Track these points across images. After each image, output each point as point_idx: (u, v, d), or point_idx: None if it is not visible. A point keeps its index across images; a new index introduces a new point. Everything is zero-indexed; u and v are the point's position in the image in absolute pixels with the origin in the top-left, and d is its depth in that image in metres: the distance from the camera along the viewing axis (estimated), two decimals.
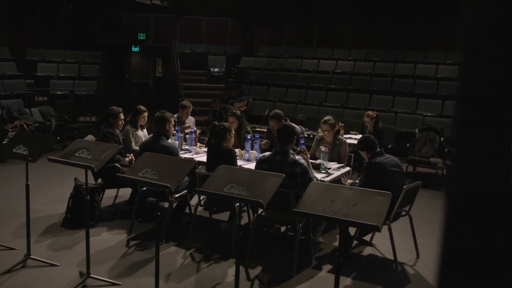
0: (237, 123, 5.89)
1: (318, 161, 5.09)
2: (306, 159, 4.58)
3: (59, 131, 9.05)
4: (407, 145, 7.97)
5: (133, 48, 15.94)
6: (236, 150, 5.03)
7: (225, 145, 4.83)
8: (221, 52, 15.14)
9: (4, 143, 4.93)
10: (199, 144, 6.11)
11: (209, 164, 4.90)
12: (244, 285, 3.93)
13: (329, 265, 4.37)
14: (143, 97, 15.66)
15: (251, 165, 4.96)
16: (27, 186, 4.14)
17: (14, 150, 4.11)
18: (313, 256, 4.50)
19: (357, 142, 5.11)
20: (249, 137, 5.52)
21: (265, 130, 6.63)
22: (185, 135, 6.24)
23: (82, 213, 4.52)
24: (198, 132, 6.56)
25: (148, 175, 3.39)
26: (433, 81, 10.87)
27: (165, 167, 3.49)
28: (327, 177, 4.82)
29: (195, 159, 5.37)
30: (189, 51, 15.12)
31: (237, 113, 6.06)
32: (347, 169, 5.37)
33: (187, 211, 5.24)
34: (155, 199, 4.13)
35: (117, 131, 5.69)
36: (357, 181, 4.76)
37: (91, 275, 3.87)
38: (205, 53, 15.03)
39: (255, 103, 11.75)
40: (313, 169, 4.70)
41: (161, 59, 16.55)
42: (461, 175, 0.75)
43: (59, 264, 4.19)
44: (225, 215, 5.45)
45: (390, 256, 4.47)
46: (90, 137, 5.86)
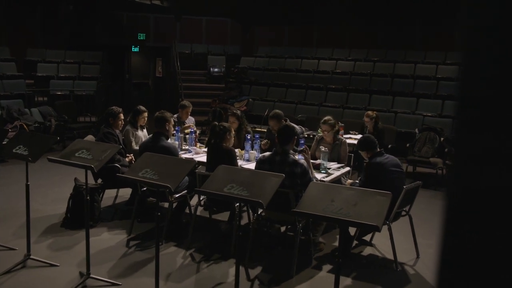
0: (237, 123, 5.89)
1: (318, 161, 5.09)
2: (307, 159, 4.58)
3: (59, 131, 9.05)
4: (407, 145, 7.97)
5: (133, 48, 15.95)
6: (236, 150, 5.04)
7: (225, 145, 4.83)
8: (221, 52, 15.14)
9: (4, 144, 4.93)
10: (199, 144, 6.11)
11: (209, 164, 4.90)
12: (244, 285, 3.93)
13: (329, 265, 4.37)
14: (143, 97, 15.67)
15: (251, 165, 4.96)
16: (27, 186, 4.14)
17: (14, 150, 4.11)
18: (313, 256, 4.50)
19: (357, 142, 5.11)
20: (249, 137, 5.52)
21: (265, 130, 6.63)
22: (185, 135, 6.24)
23: (82, 213, 4.52)
24: (198, 132, 6.56)
25: (148, 175, 3.39)
26: (433, 81, 10.87)
27: (165, 167, 3.49)
28: (327, 177, 4.82)
29: (195, 159, 5.38)
30: (189, 51, 15.12)
31: (237, 113, 6.06)
32: (347, 169, 5.37)
33: (187, 211, 5.23)
34: (155, 199, 4.12)
35: (117, 131, 5.69)
36: (357, 181, 4.76)
37: (91, 275, 3.87)
38: (205, 53, 15.03)
39: (255, 103, 11.75)
40: (313, 169, 4.70)
41: (161, 59, 16.55)
42: (460, 175, 0.75)
43: (59, 264, 4.19)
44: (225, 215, 5.45)
45: (390, 256, 4.47)
46: (90, 137, 5.85)
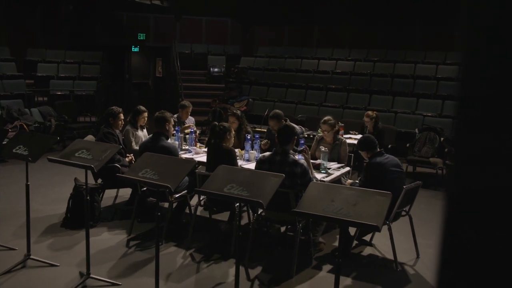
0: (237, 123, 5.89)
1: (318, 161, 5.09)
2: (307, 159, 4.58)
3: (59, 131, 9.05)
4: (407, 145, 7.97)
5: (133, 48, 15.95)
6: (236, 150, 5.03)
7: (225, 145, 4.83)
8: (221, 52, 15.14)
9: (4, 144, 4.93)
10: (199, 144, 6.11)
11: (209, 164, 4.90)
12: (244, 285, 3.93)
13: (329, 265, 4.37)
14: (143, 97, 15.66)
15: (251, 165, 4.96)
16: (27, 186, 4.14)
17: (14, 150, 4.11)
18: (313, 256, 4.50)
19: (357, 142, 5.11)
20: (249, 137, 5.52)
21: (265, 130, 6.63)
22: (185, 135, 6.24)
23: (82, 213, 4.53)
24: (198, 132, 6.56)
25: (148, 175, 3.39)
26: (433, 81, 10.86)
27: (165, 167, 3.49)
28: (327, 177, 4.82)
29: (195, 159, 5.38)
30: (189, 51, 15.12)
31: (237, 113, 6.06)
32: (347, 169, 5.37)
33: (187, 211, 5.23)
34: (155, 199, 4.13)
35: (117, 131, 5.69)
36: (357, 181, 4.76)
37: (91, 275, 3.87)
38: (205, 53, 15.03)
39: (255, 103, 11.75)
40: (313, 169, 4.70)
41: (161, 59, 16.55)
42: (460, 175, 0.75)
43: (59, 264, 4.19)
44: (225, 215, 5.45)
45: (390, 256, 4.47)
46: (90, 137, 5.85)
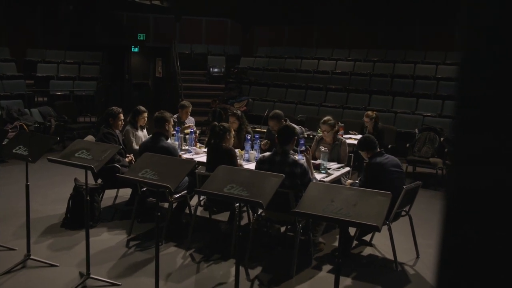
0: (237, 123, 5.89)
1: (318, 161, 5.09)
2: (308, 159, 4.58)
3: (59, 132, 9.05)
4: (407, 145, 7.97)
5: (133, 48, 15.95)
6: (236, 150, 5.03)
7: (224, 145, 4.83)
8: (220, 52, 15.14)
9: (4, 144, 4.93)
10: (199, 144, 6.11)
11: (209, 164, 4.90)
12: (244, 285, 3.93)
13: (329, 265, 4.37)
14: (143, 97, 15.67)
15: (251, 165, 4.96)
16: (27, 186, 4.14)
17: (14, 150, 4.11)
18: (313, 256, 4.50)
19: (357, 142, 5.11)
20: (249, 138, 5.52)
21: (265, 130, 6.63)
22: (185, 135, 6.24)
23: (82, 214, 4.52)
24: (198, 132, 6.56)
25: (148, 176, 3.39)
26: (433, 81, 10.87)
27: (165, 167, 3.48)
28: (327, 177, 4.82)
29: (195, 159, 5.38)
30: (189, 51, 15.11)
31: (237, 113, 6.05)
32: (347, 169, 5.37)
33: (187, 211, 5.23)
34: (155, 200, 4.12)
35: (117, 132, 5.69)
36: (357, 181, 4.76)
37: (91, 276, 3.87)
38: (204, 53, 15.02)
39: (254, 103, 11.75)
40: (313, 170, 4.69)
41: (160, 60, 16.55)
42: (460, 175, 0.75)
43: (59, 264, 4.19)
44: (225, 216, 5.45)
45: (390, 256, 4.47)
46: (90, 138, 5.85)
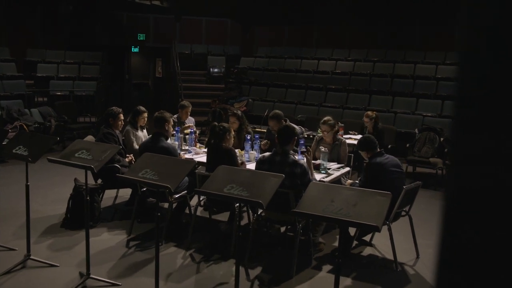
0: (237, 123, 5.88)
1: (318, 162, 5.08)
2: (308, 160, 4.57)
3: (59, 132, 9.05)
4: (407, 145, 7.97)
5: (133, 48, 15.94)
6: (236, 150, 5.03)
7: (224, 145, 4.82)
8: (220, 52, 15.14)
9: (4, 144, 4.93)
10: (198, 144, 6.11)
11: (209, 164, 4.90)
12: (244, 285, 3.93)
13: (329, 265, 4.37)
14: (143, 97, 15.67)
15: (251, 166, 4.96)
16: (27, 186, 4.14)
17: (14, 150, 4.11)
18: (313, 256, 4.50)
19: (357, 142, 5.11)
20: (248, 138, 5.52)
21: (265, 130, 6.63)
22: (185, 135, 6.24)
23: (82, 214, 4.52)
24: (197, 132, 6.56)
25: (148, 176, 3.39)
26: (433, 81, 10.87)
27: (164, 167, 3.48)
28: (326, 177, 4.82)
29: (194, 159, 5.38)
30: (189, 51, 15.11)
31: (238, 113, 6.05)
32: (347, 169, 5.37)
33: (187, 211, 5.23)
34: (155, 200, 4.12)
35: (117, 132, 5.69)
36: (357, 181, 4.76)
37: (91, 276, 3.87)
38: (204, 53, 15.02)
39: (254, 103, 11.75)
40: (313, 170, 4.69)
41: (160, 60, 16.55)
42: (459, 175, 0.75)
43: (59, 264, 4.19)
44: (225, 216, 5.45)
45: (390, 256, 4.47)
46: (89, 138, 5.85)
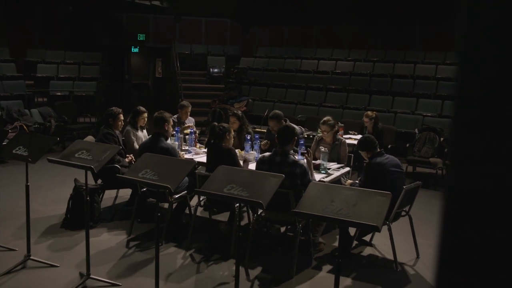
0: (238, 123, 5.88)
1: (317, 162, 5.08)
2: (309, 162, 4.57)
3: (58, 132, 9.05)
4: (407, 145, 7.97)
5: (133, 48, 15.94)
6: (236, 150, 5.03)
7: (224, 145, 4.82)
8: (220, 52, 15.14)
9: (4, 144, 4.93)
10: (198, 144, 6.11)
11: (209, 164, 4.90)
12: (244, 285, 3.93)
13: (329, 265, 4.37)
14: (143, 97, 15.67)
15: (251, 166, 4.95)
16: (27, 187, 4.14)
17: (14, 151, 4.11)
18: (313, 256, 4.50)
19: (357, 142, 5.11)
20: (248, 138, 5.52)
21: (265, 130, 6.63)
22: (185, 135, 6.24)
23: (82, 214, 4.52)
24: (197, 132, 6.56)
25: (148, 176, 3.39)
26: (433, 81, 10.86)
27: (164, 167, 3.49)
28: (326, 177, 4.82)
29: (194, 159, 5.38)
30: (189, 51, 15.11)
31: (238, 113, 6.05)
32: (347, 169, 5.37)
33: (187, 211, 5.23)
34: (155, 200, 4.13)
35: (117, 132, 5.69)
36: (357, 181, 4.76)
37: (91, 276, 3.87)
38: (204, 53, 15.02)
39: (254, 103, 11.75)
40: (313, 171, 4.68)
41: (160, 60, 16.55)
42: (458, 175, 0.75)
43: (59, 265, 4.19)
44: (225, 216, 5.45)
45: (390, 256, 4.47)
46: (89, 138, 5.85)
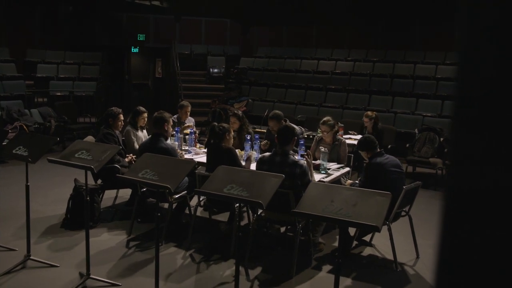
0: (238, 123, 5.88)
1: (317, 162, 5.08)
2: (309, 163, 4.56)
3: (58, 132, 9.05)
4: (407, 145, 7.97)
5: (133, 49, 15.94)
6: (236, 150, 5.03)
7: (224, 145, 4.83)
8: (220, 52, 15.13)
9: (4, 144, 4.93)
10: (198, 144, 6.11)
11: (209, 164, 4.90)
12: (244, 285, 3.93)
13: (329, 266, 4.37)
14: (143, 98, 15.66)
15: (251, 166, 4.95)
16: (27, 187, 4.14)
17: (14, 151, 4.11)
18: (313, 256, 4.50)
19: (357, 142, 5.11)
20: (248, 138, 5.52)
21: (265, 130, 6.63)
22: (185, 135, 6.24)
23: (82, 214, 4.52)
24: (197, 132, 6.56)
25: (147, 176, 3.39)
26: (433, 81, 10.86)
27: (164, 168, 3.49)
28: (326, 177, 4.82)
29: (194, 159, 5.38)
30: (189, 51, 15.10)
31: (238, 113, 6.05)
32: (347, 169, 5.37)
33: (187, 211, 5.24)
34: (155, 200, 4.13)
35: (117, 132, 5.69)
36: (357, 182, 4.76)
37: (91, 276, 3.87)
38: (204, 53, 15.02)
39: (254, 103, 11.75)
40: (313, 171, 4.68)
41: (160, 60, 16.55)
42: (458, 175, 0.75)
43: (59, 265, 4.19)
44: (225, 216, 5.45)
45: (390, 256, 4.47)
46: (89, 138, 5.85)
